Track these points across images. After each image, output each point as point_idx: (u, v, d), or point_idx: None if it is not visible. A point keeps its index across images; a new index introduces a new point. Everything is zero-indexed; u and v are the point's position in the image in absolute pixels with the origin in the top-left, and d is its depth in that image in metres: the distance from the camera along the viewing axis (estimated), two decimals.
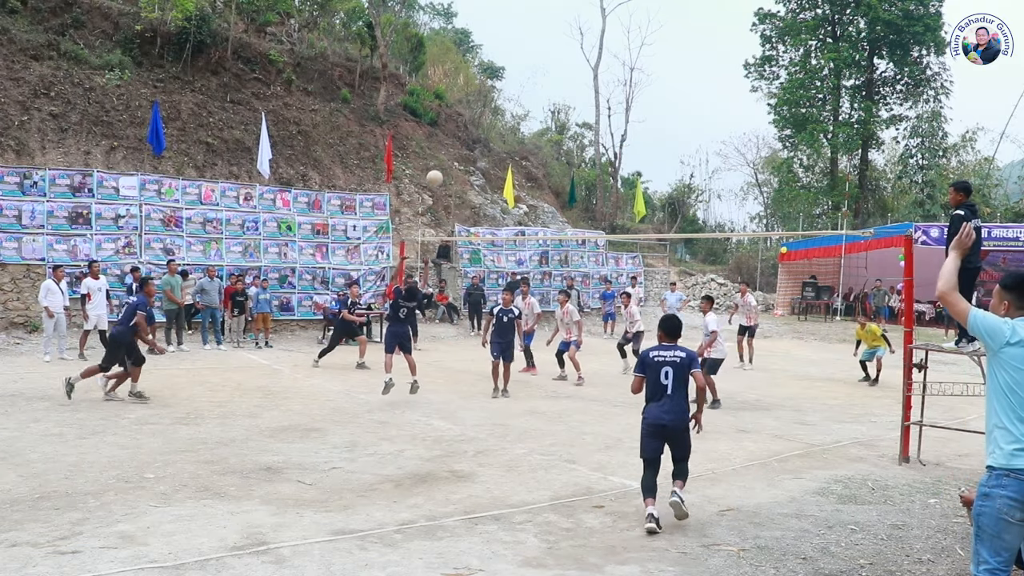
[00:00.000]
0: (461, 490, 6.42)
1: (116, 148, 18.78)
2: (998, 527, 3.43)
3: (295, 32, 27.11)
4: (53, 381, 11.20)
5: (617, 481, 6.83)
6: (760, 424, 9.71)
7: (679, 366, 5.74)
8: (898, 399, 8.23)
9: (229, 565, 4.64)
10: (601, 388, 12.52)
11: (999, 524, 3.43)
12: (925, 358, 8.37)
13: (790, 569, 4.82)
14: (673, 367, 5.73)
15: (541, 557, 4.95)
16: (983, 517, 3.48)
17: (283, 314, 18.85)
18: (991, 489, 3.46)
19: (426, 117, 28.10)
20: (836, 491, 6.62)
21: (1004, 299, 3.70)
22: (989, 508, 3.45)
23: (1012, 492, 3.39)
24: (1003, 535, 3.44)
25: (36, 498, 5.83)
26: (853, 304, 27.28)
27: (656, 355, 5.83)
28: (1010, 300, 3.67)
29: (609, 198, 36.08)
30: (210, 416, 9.15)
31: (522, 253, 24.87)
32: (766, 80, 37.72)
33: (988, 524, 3.46)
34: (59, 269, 13.85)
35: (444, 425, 9.09)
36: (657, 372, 5.76)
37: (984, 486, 3.50)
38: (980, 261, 7.79)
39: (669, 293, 21.48)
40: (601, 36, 37.99)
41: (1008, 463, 3.43)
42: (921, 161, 35.41)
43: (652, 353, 5.88)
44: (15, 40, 18.86)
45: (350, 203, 21.19)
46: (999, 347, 3.56)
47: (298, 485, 6.42)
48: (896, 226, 25.14)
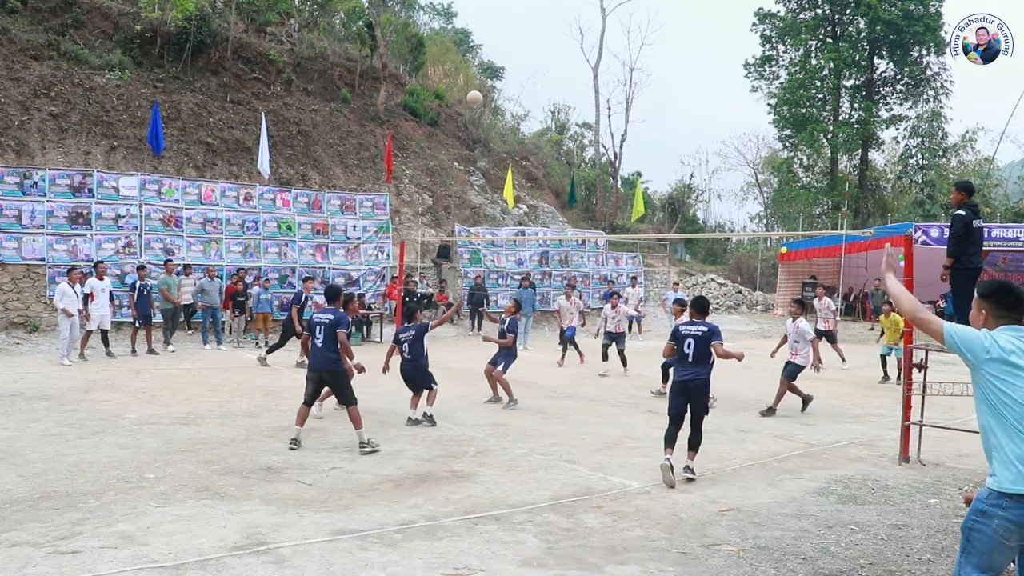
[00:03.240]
0: (461, 490, 6.42)
1: (116, 148, 18.78)
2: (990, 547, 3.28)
3: (295, 32, 27.10)
4: (53, 381, 11.22)
5: (617, 481, 6.83)
6: (760, 424, 9.72)
7: (700, 338, 6.87)
8: (898, 399, 8.23)
9: (229, 565, 4.64)
10: (601, 388, 12.52)
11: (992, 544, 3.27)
12: (925, 358, 8.37)
13: (790, 569, 4.82)
14: (695, 339, 6.88)
15: (541, 557, 4.95)
16: (976, 534, 3.31)
17: (283, 314, 18.82)
18: (990, 508, 3.28)
19: (426, 117, 28.10)
20: (836, 491, 6.62)
21: (982, 309, 3.51)
22: (984, 527, 3.28)
23: (1012, 515, 3.22)
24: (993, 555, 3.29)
25: (36, 498, 5.83)
26: (853, 304, 27.29)
27: (684, 328, 7.03)
28: (987, 309, 3.48)
29: (609, 198, 36.08)
30: (210, 416, 9.15)
31: (522, 253, 24.87)
32: (766, 80, 37.74)
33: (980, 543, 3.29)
34: (74, 271, 13.79)
35: (444, 425, 9.09)
36: (683, 342, 6.94)
37: (983, 502, 3.31)
38: (980, 261, 7.77)
39: (671, 293, 21.49)
40: (601, 36, 38.02)
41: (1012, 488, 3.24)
42: (921, 161, 35.42)
43: (682, 327, 7.06)
44: (15, 40, 18.85)
45: (350, 203, 21.19)
46: (980, 363, 3.36)
47: (298, 485, 6.42)
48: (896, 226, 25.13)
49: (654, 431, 8.97)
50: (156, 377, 12.14)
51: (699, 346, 6.84)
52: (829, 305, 16.17)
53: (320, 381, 7.89)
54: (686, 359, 6.88)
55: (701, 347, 6.85)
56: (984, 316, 3.50)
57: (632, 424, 9.60)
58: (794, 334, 10.69)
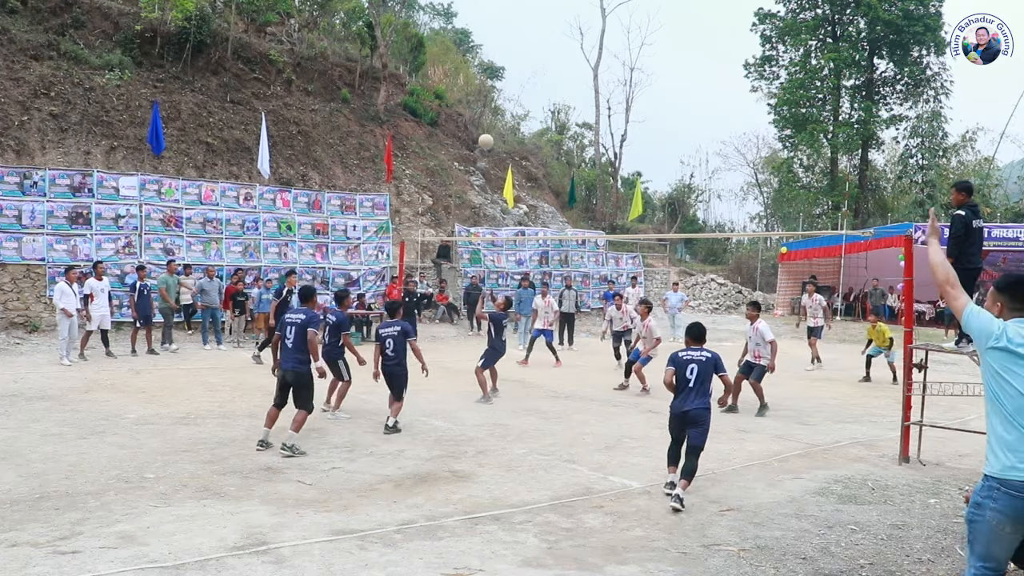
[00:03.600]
0: (461, 490, 6.42)
1: (116, 148, 18.78)
2: (988, 537, 3.40)
3: (295, 32, 27.09)
4: (53, 381, 11.21)
5: (617, 481, 6.83)
6: (760, 424, 9.72)
7: (704, 364, 6.50)
8: (898, 399, 8.23)
9: (229, 565, 4.64)
10: (601, 388, 12.53)
11: (989, 535, 3.39)
12: (925, 358, 8.36)
13: (790, 569, 4.82)
14: (698, 364, 6.49)
15: (541, 557, 4.95)
16: (975, 525, 3.44)
17: None
18: (983, 499, 3.41)
19: (426, 117, 28.10)
20: (836, 491, 6.62)
21: (997, 300, 3.63)
22: (980, 518, 3.41)
23: (1001, 506, 3.34)
24: (992, 545, 3.40)
25: (36, 498, 5.83)
26: (853, 304, 27.28)
27: (684, 354, 6.62)
28: (1003, 302, 3.60)
29: (609, 198, 36.08)
30: (210, 416, 9.15)
31: (522, 253, 24.88)
32: (766, 80, 37.71)
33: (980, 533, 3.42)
34: (72, 271, 13.79)
35: (444, 425, 9.09)
36: (684, 368, 6.51)
37: (978, 494, 3.44)
38: (980, 261, 7.76)
39: (671, 293, 21.50)
40: (601, 36, 38.04)
41: (1000, 474, 3.37)
42: (921, 161, 35.43)
43: (681, 353, 6.65)
44: (15, 40, 18.85)
45: (350, 203, 21.19)
46: (983, 348, 3.48)
47: (298, 485, 6.42)
48: (896, 226, 25.13)
49: (654, 431, 8.98)
50: (156, 377, 12.14)
51: (702, 373, 6.44)
52: (820, 301, 16.19)
53: (285, 383, 7.69)
54: (687, 386, 6.43)
55: (704, 375, 6.45)
56: (999, 308, 3.60)
57: (632, 424, 9.60)
58: (754, 337, 10.76)
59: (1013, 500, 3.31)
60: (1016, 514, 3.33)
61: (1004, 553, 3.45)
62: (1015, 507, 3.32)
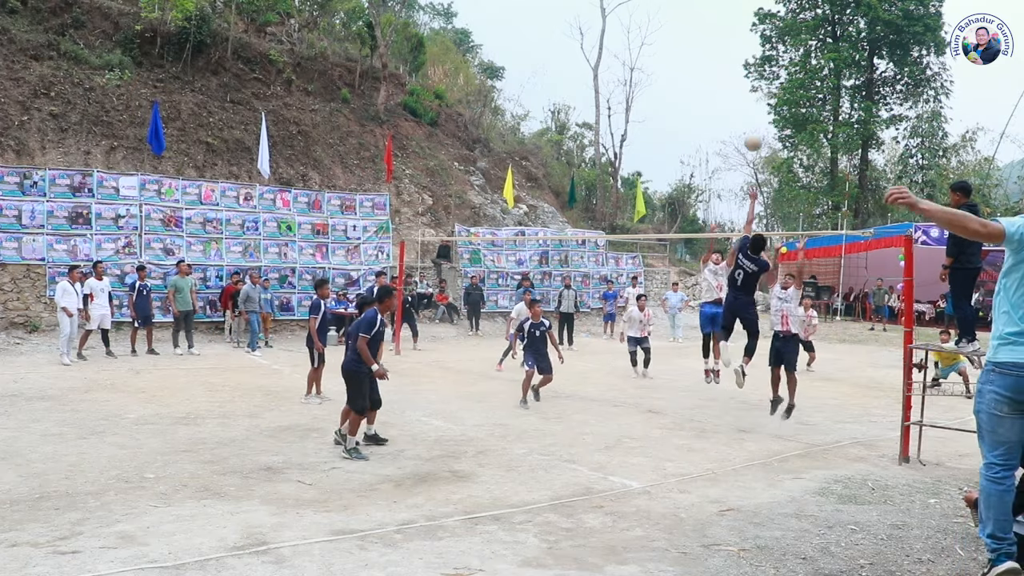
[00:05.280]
0: (461, 490, 6.42)
1: (116, 148, 18.78)
2: (992, 423, 3.59)
3: (295, 32, 27.10)
4: (53, 381, 11.22)
5: (617, 481, 6.83)
6: (760, 424, 9.71)
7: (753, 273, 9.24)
8: (898, 399, 8.23)
9: (229, 565, 4.64)
10: (601, 388, 12.52)
11: (992, 419, 3.58)
12: (925, 358, 8.37)
13: (790, 569, 4.81)
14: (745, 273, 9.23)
15: (541, 557, 4.95)
16: (981, 415, 3.65)
17: (283, 314, 18.87)
18: (982, 385, 3.65)
19: (426, 117, 28.10)
20: (836, 491, 6.61)
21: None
22: (983, 404, 3.62)
23: (997, 387, 3.55)
24: (997, 429, 3.59)
25: (36, 498, 5.83)
26: (853, 304, 27.28)
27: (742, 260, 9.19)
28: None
29: (609, 198, 36.07)
30: (210, 416, 9.15)
31: (522, 253, 24.88)
32: (766, 80, 37.76)
33: (985, 422, 3.61)
34: (75, 270, 13.78)
35: (444, 425, 9.09)
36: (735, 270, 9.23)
37: (979, 383, 3.69)
38: (980, 261, 7.77)
39: (671, 293, 21.49)
40: (601, 36, 38.03)
41: (993, 356, 3.61)
42: (921, 161, 35.46)
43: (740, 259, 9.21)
44: (15, 40, 18.85)
45: (350, 203, 21.20)
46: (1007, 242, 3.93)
47: (298, 485, 6.42)
48: (896, 226, 25.14)
49: (654, 431, 8.99)
50: (156, 377, 12.14)
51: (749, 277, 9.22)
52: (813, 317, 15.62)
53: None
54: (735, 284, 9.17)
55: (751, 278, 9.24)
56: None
57: (632, 424, 9.59)
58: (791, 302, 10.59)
59: (1005, 378, 3.60)
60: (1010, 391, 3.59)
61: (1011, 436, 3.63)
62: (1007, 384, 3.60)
